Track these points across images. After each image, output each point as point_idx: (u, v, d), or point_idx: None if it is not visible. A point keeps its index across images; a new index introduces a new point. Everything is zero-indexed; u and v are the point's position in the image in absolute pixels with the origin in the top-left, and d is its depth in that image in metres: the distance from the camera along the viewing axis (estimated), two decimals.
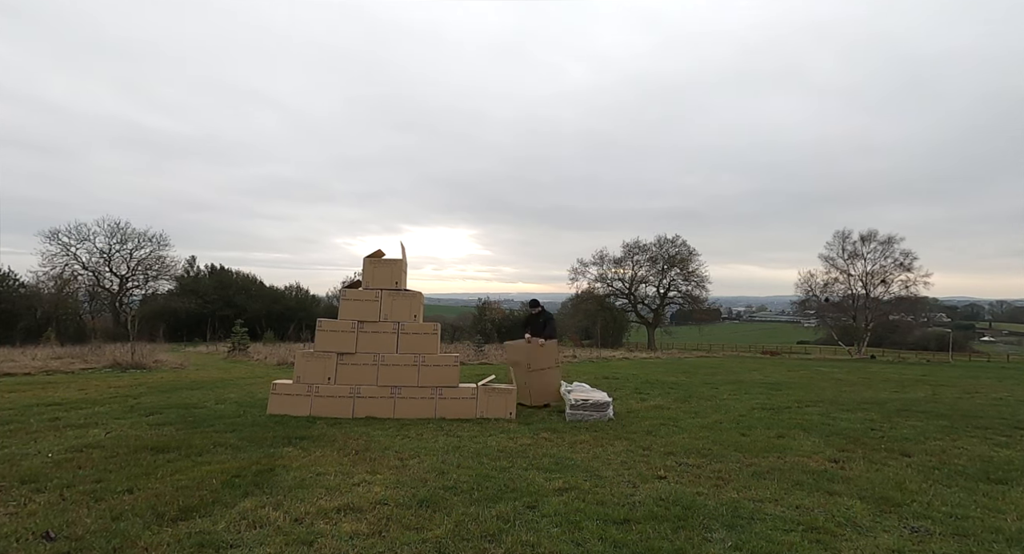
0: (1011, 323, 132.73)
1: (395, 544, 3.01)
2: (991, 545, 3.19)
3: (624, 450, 5.30)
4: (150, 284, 43.51)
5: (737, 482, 4.29)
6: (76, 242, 40.35)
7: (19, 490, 3.77)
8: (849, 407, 8.64)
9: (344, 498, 3.69)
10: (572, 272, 51.44)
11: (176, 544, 2.94)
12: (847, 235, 45.51)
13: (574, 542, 3.08)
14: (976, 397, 10.75)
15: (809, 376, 15.53)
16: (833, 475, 4.53)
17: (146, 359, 14.22)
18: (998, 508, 3.84)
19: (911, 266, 43.21)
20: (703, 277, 50.35)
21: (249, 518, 3.31)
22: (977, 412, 8.40)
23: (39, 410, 6.91)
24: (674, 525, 3.34)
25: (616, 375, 13.89)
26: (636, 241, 51.11)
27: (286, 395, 6.85)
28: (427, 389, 6.90)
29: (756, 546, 3.06)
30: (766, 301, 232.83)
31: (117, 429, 5.80)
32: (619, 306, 52.60)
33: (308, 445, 5.18)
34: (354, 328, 7.04)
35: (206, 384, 10.27)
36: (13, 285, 36.32)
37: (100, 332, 32.62)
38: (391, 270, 7.29)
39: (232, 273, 44.77)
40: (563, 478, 4.26)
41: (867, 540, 3.20)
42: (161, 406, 7.36)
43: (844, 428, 6.71)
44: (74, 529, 3.10)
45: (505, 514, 3.46)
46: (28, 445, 5.03)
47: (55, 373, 12.05)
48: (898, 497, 3.97)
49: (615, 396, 9.15)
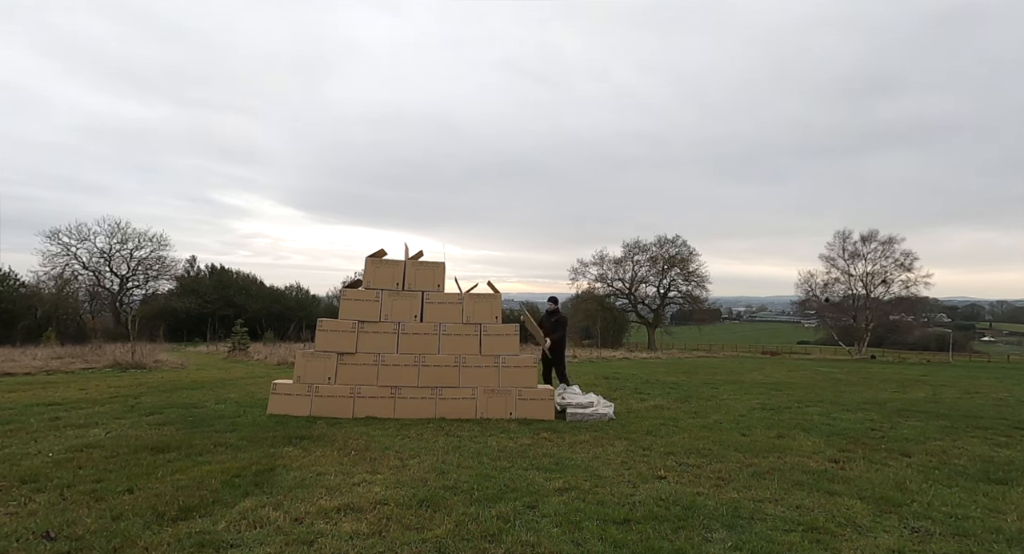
0: (1011, 323, 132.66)
1: (395, 544, 3.00)
2: (991, 545, 3.19)
3: (624, 450, 5.30)
4: (150, 284, 43.66)
5: (737, 482, 4.29)
6: (76, 242, 40.49)
7: (19, 490, 3.76)
8: (849, 407, 8.64)
9: (344, 498, 3.69)
10: (572, 272, 51.55)
11: (176, 544, 2.94)
12: (848, 235, 45.57)
13: (574, 542, 3.08)
14: (976, 397, 10.74)
15: (809, 376, 15.54)
16: (833, 475, 4.53)
17: (146, 359, 14.23)
18: (998, 508, 3.83)
19: (911, 266, 43.27)
20: (703, 277, 50.44)
21: (249, 518, 3.31)
22: (977, 412, 8.40)
23: (39, 410, 6.91)
24: (674, 525, 3.34)
25: (616, 375, 13.89)
26: (636, 241, 51.21)
27: (286, 395, 6.85)
28: (427, 389, 6.91)
29: (756, 546, 3.06)
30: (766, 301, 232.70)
31: (117, 429, 5.80)
32: (619, 306, 52.62)
33: (308, 445, 5.18)
34: (354, 328, 7.04)
35: (206, 384, 10.27)
36: (14, 285, 36.35)
37: (100, 332, 32.66)
38: (392, 270, 7.30)
39: (232, 273, 44.85)
40: (563, 478, 4.26)
41: (867, 540, 3.20)
42: (161, 406, 7.36)
43: (844, 428, 6.71)
44: (74, 529, 3.10)
45: (505, 514, 3.46)
46: (28, 445, 5.03)
47: (55, 373, 12.06)
48: (898, 497, 3.97)
49: (615, 397, 9.15)
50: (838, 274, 46.05)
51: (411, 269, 7.32)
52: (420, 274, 7.32)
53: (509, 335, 7.21)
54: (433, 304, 7.22)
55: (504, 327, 7.24)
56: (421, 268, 7.35)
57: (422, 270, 7.35)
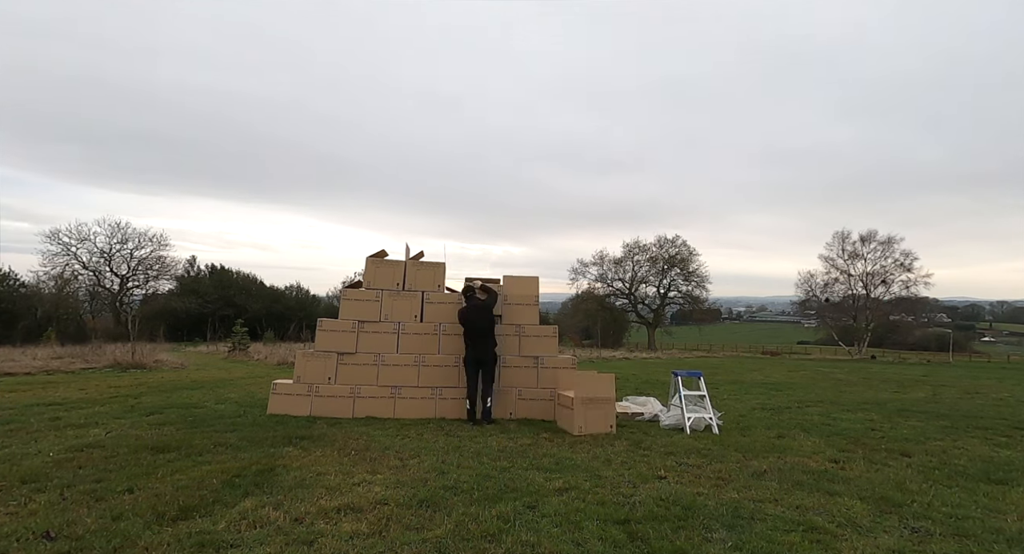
0: (1011, 323, 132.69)
1: (395, 544, 3.00)
2: (991, 546, 3.18)
3: (624, 450, 5.30)
4: (150, 284, 43.65)
5: (737, 482, 4.29)
6: (77, 242, 40.50)
7: (20, 490, 3.76)
8: (849, 407, 8.64)
9: (344, 498, 3.69)
10: (572, 272, 51.55)
11: (176, 544, 2.94)
12: (847, 235, 45.57)
13: (574, 542, 3.08)
14: (976, 397, 10.74)
15: (809, 376, 15.53)
16: (833, 475, 4.53)
17: (146, 359, 14.23)
18: (999, 508, 3.83)
19: (911, 266, 43.29)
20: (703, 277, 50.44)
21: (249, 518, 3.31)
22: (977, 412, 8.40)
23: (40, 410, 6.92)
24: (674, 525, 3.34)
25: (616, 375, 13.89)
26: (636, 241, 51.21)
27: (286, 395, 6.85)
28: (427, 389, 6.90)
29: (756, 546, 3.05)
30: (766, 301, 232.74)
31: (117, 429, 5.80)
32: (619, 306, 52.61)
33: (308, 445, 5.18)
34: (354, 328, 7.04)
35: (206, 384, 10.27)
36: (14, 285, 36.35)
37: (100, 332, 32.63)
38: (393, 270, 7.30)
39: (232, 273, 44.84)
40: (563, 478, 4.25)
41: (867, 540, 3.20)
42: (161, 406, 7.36)
43: (844, 428, 6.71)
44: (74, 529, 3.10)
45: (505, 514, 3.46)
46: (29, 445, 5.03)
47: (56, 373, 12.06)
48: (898, 497, 3.97)
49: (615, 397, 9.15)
50: (837, 274, 46.09)
51: (411, 269, 7.33)
52: (420, 274, 7.33)
53: (506, 335, 7.21)
54: (433, 304, 7.22)
55: (504, 327, 7.24)
56: (421, 268, 7.36)
57: (422, 270, 7.35)
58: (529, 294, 7.46)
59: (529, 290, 7.48)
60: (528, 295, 7.45)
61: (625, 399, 8.08)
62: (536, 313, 7.46)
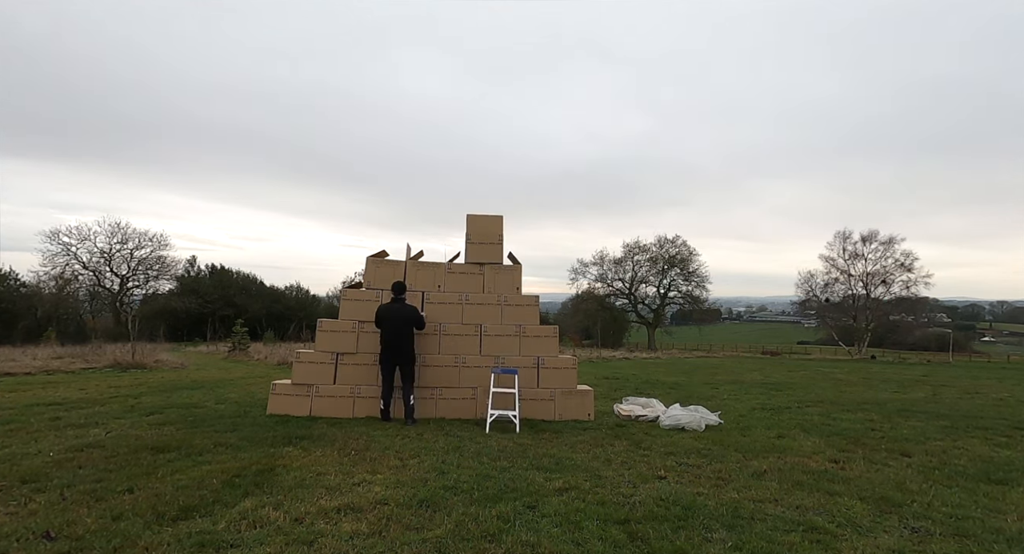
0: (1011, 323, 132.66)
1: (395, 544, 3.00)
2: (991, 546, 3.18)
3: (624, 450, 5.30)
4: (151, 284, 43.62)
5: (737, 482, 4.29)
6: (77, 242, 40.44)
7: (20, 489, 3.77)
8: (849, 407, 8.64)
9: (344, 498, 3.69)
10: (572, 272, 51.55)
11: (176, 544, 2.94)
12: (848, 235, 45.54)
13: (574, 542, 3.08)
14: (976, 397, 10.75)
15: (809, 376, 15.55)
16: (833, 475, 4.53)
17: (146, 359, 14.24)
18: (999, 509, 3.83)
19: (912, 266, 43.24)
20: (703, 277, 50.44)
21: (249, 518, 3.31)
22: (978, 412, 8.41)
23: (40, 410, 6.92)
24: (674, 525, 3.34)
25: (616, 375, 13.90)
26: (636, 241, 51.21)
27: (286, 395, 6.85)
28: (427, 389, 6.90)
29: (756, 546, 3.05)
30: (766, 301, 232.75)
31: (117, 429, 5.80)
32: (619, 306, 52.62)
33: (308, 445, 5.18)
34: (354, 328, 7.04)
35: (206, 384, 10.27)
36: (14, 285, 36.37)
37: (100, 332, 32.67)
38: (393, 270, 7.30)
39: (232, 273, 44.84)
40: (563, 478, 4.25)
41: (867, 540, 3.20)
42: (161, 406, 7.36)
43: (844, 428, 6.71)
44: (74, 529, 3.10)
45: (505, 514, 3.46)
46: (29, 445, 5.03)
47: (56, 373, 12.06)
48: (898, 497, 3.97)
49: (615, 398, 9.16)
50: (838, 274, 46.07)
51: (411, 269, 7.33)
52: (420, 274, 7.33)
53: (509, 336, 7.21)
54: (433, 304, 7.22)
55: (504, 327, 7.24)
56: (422, 268, 7.36)
57: (422, 270, 7.35)
58: (492, 232, 7.39)
59: (492, 228, 7.41)
60: (491, 233, 7.39)
61: (626, 399, 8.08)
62: (513, 276, 7.41)
